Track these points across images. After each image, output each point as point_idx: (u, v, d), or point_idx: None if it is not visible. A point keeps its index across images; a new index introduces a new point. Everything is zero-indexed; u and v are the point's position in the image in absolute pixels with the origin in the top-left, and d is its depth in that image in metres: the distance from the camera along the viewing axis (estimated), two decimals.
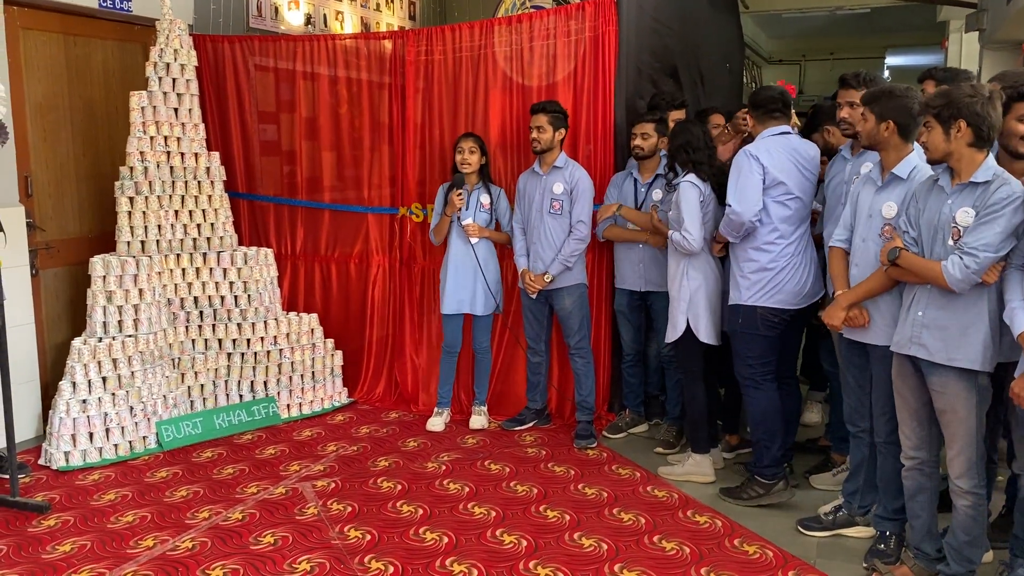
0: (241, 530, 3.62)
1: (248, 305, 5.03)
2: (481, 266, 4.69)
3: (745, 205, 3.65)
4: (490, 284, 4.74)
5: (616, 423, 4.77)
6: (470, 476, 4.20)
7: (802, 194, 3.73)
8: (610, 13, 4.63)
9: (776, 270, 3.70)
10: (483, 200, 4.71)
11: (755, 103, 3.84)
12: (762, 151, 3.69)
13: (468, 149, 4.63)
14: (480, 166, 4.69)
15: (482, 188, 4.73)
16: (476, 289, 4.73)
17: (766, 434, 3.83)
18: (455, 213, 4.67)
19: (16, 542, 3.52)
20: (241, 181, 5.53)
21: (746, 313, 3.75)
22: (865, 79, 3.59)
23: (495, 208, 4.75)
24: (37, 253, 4.77)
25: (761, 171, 3.66)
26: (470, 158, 4.63)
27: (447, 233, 4.77)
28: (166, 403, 4.67)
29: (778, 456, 3.85)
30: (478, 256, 4.69)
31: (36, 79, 4.78)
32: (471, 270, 4.71)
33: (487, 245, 4.75)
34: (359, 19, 7.31)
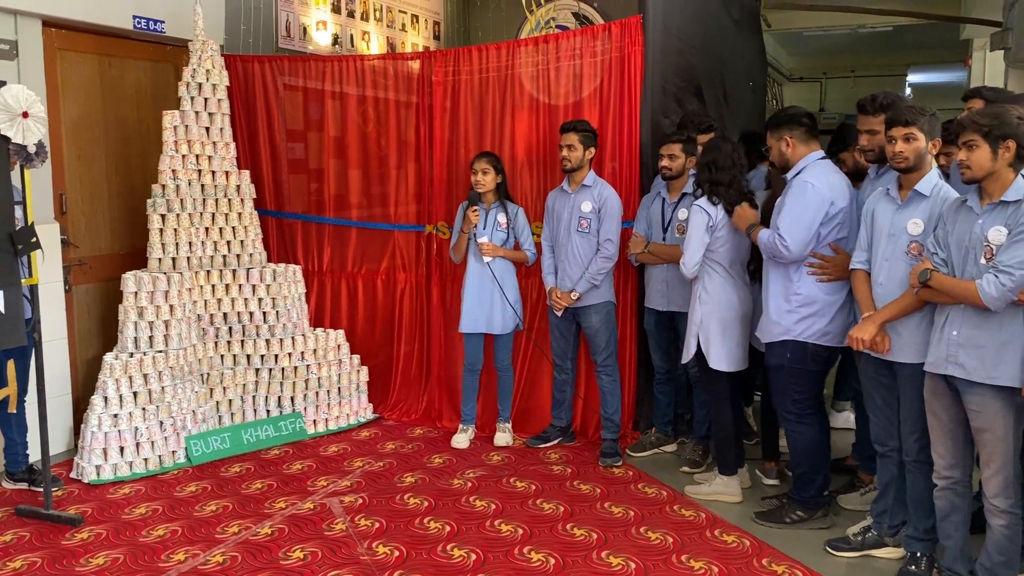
0: (271, 545, 3.65)
1: (276, 321, 5.09)
2: (500, 284, 4.72)
3: (797, 242, 3.52)
4: (505, 305, 4.74)
5: (641, 441, 4.77)
6: (496, 493, 4.21)
7: (852, 223, 3.62)
8: (636, 33, 4.67)
9: (830, 304, 3.60)
10: (500, 219, 4.75)
11: (796, 122, 3.67)
12: (824, 181, 3.55)
13: (481, 170, 4.67)
14: (497, 185, 4.72)
15: (499, 207, 4.76)
16: (493, 308, 4.74)
17: (810, 467, 3.78)
18: (471, 230, 4.70)
19: (50, 555, 3.57)
20: (270, 199, 5.60)
21: (795, 349, 3.64)
22: (883, 104, 3.48)
23: (513, 226, 4.77)
24: (70, 269, 4.85)
25: (827, 206, 3.53)
26: (483, 178, 4.66)
27: (465, 251, 4.80)
28: (195, 418, 4.72)
29: (822, 486, 3.83)
30: (495, 275, 4.72)
31: (71, 99, 4.88)
32: (488, 289, 4.74)
33: (504, 263, 4.77)
34: (385, 39, 7.40)
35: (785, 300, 3.64)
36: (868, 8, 8.20)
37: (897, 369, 3.27)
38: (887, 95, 3.49)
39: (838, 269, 3.55)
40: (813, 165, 3.63)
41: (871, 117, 3.50)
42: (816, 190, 3.52)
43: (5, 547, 3.64)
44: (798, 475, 3.85)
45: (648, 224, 4.55)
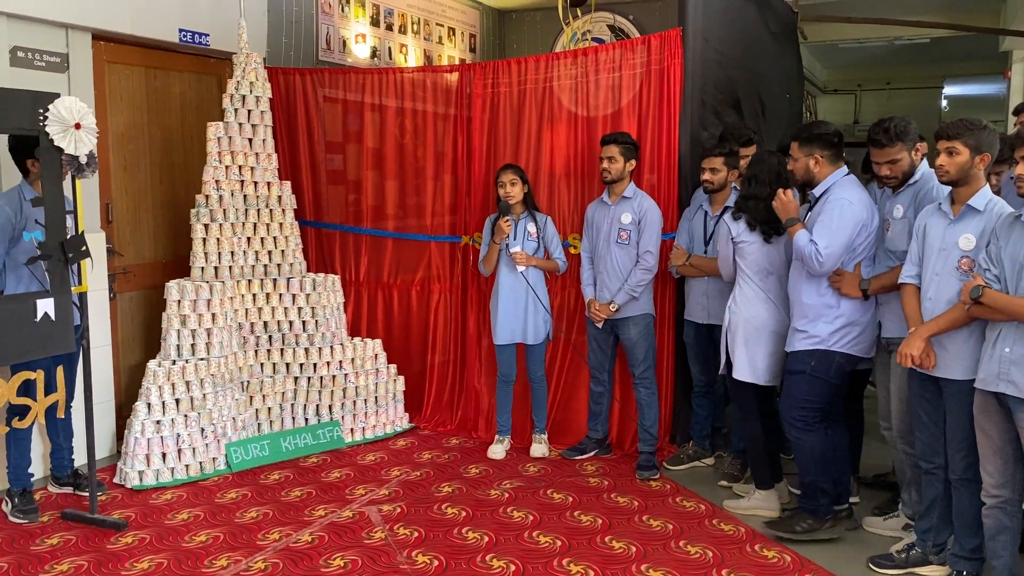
0: (311, 552, 3.68)
1: (315, 330, 5.14)
2: (535, 294, 4.73)
3: (833, 257, 3.57)
4: (541, 313, 4.75)
5: (678, 455, 4.75)
6: (533, 505, 4.21)
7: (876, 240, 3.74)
8: (676, 46, 4.68)
9: (861, 314, 3.67)
10: (530, 229, 4.76)
11: (828, 142, 3.70)
12: (859, 199, 3.62)
13: (509, 182, 4.69)
14: (524, 195, 4.74)
15: (528, 217, 4.77)
16: (528, 318, 4.75)
17: (818, 476, 3.77)
18: (503, 240, 4.72)
19: (96, 558, 3.63)
20: (309, 209, 5.67)
21: (822, 357, 3.65)
22: (897, 132, 3.47)
23: (542, 236, 4.78)
24: (115, 277, 4.93)
25: (861, 224, 3.60)
26: (512, 190, 4.68)
27: (495, 263, 4.82)
28: (235, 425, 4.77)
29: (833, 496, 3.80)
30: (529, 284, 4.73)
31: (118, 110, 4.98)
32: (523, 299, 4.75)
33: (535, 273, 4.78)
34: (422, 52, 7.47)
35: (816, 310, 3.67)
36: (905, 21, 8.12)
37: (943, 385, 3.24)
38: (897, 123, 3.47)
39: (849, 286, 3.60)
40: (842, 182, 3.67)
41: (889, 148, 3.50)
42: (853, 208, 3.58)
43: (52, 550, 3.71)
44: (806, 484, 3.84)
45: (690, 237, 4.55)
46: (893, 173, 3.53)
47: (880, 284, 3.58)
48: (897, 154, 3.48)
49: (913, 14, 8.02)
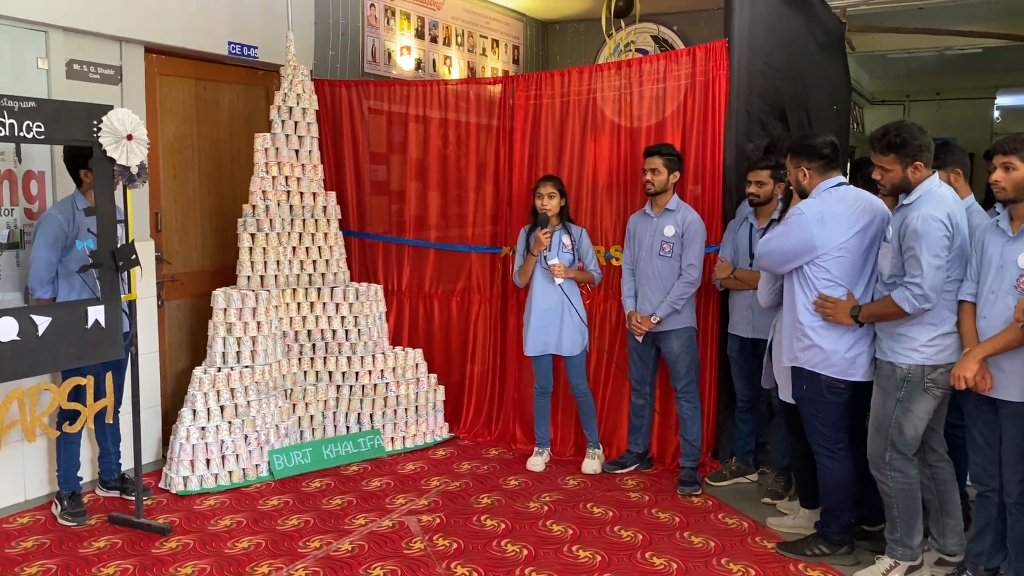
0: (351, 561, 3.69)
1: (358, 339, 5.18)
2: (571, 305, 4.71)
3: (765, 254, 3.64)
4: (576, 324, 4.72)
5: (721, 471, 4.68)
6: (573, 518, 4.18)
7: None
8: (721, 57, 4.64)
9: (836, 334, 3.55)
10: (565, 241, 4.74)
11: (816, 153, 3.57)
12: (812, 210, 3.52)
13: (547, 194, 4.67)
14: (560, 208, 4.72)
15: (563, 229, 4.75)
16: (563, 330, 4.72)
17: (836, 503, 3.70)
18: (541, 252, 4.71)
19: (141, 562, 3.68)
20: (353, 219, 5.72)
21: (809, 379, 3.59)
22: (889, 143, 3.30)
23: (577, 248, 4.76)
24: (163, 285, 5.02)
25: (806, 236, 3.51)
26: (549, 203, 4.67)
27: (531, 274, 4.80)
28: (278, 432, 4.82)
29: (848, 524, 3.73)
30: (565, 296, 4.71)
31: (169, 121, 5.08)
32: (557, 311, 4.72)
33: (570, 285, 4.75)
34: (466, 63, 7.51)
35: (792, 328, 3.63)
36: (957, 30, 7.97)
37: (1000, 407, 3.15)
38: (896, 134, 3.30)
39: (842, 314, 3.47)
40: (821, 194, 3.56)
41: (880, 156, 3.37)
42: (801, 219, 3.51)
43: (99, 553, 3.78)
44: (824, 509, 3.77)
45: (735, 250, 4.50)
46: (881, 180, 3.41)
47: (870, 312, 3.42)
48: (888, 165, 3.33)
49: (965, 24, 7.86)
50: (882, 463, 3.45)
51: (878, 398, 3.45)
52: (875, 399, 3.47)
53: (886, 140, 3.31)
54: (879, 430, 3.44)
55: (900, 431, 3.38)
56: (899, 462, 3.42)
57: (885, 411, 3.41)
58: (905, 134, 3.27)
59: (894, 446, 3.40)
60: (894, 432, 3.38)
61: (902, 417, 3.36)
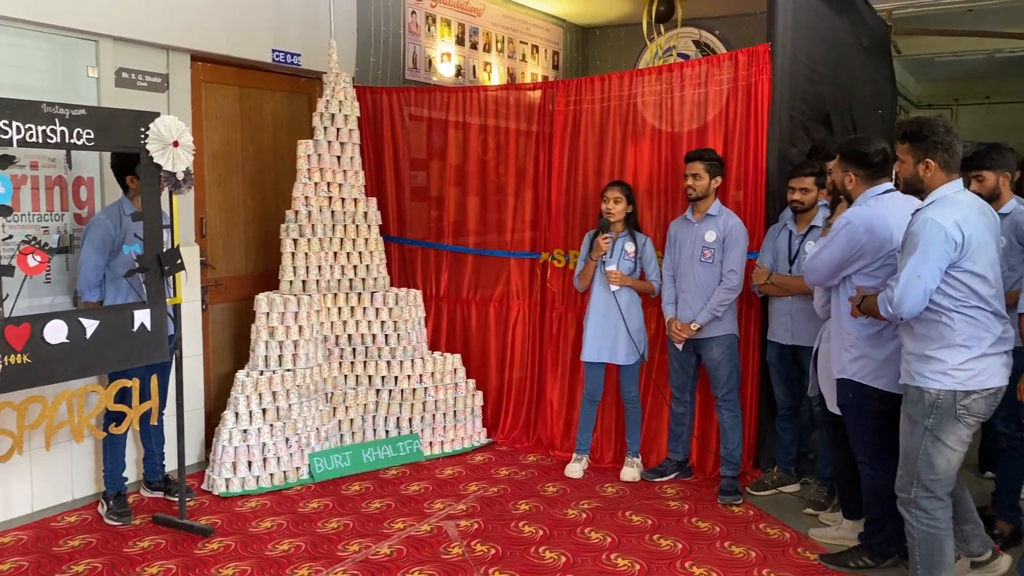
0: (390, 566, 3.71)
1: (397, 344, 5.21)
2: (623, 314, 4.68)
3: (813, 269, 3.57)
4: (632, 333, 4.69)
5: (762, 480, 4.61)
6: (611, 526, 4.15)
7: None
8: (764, 62, 4.59)
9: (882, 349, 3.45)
10: (628, 248, 4.71)
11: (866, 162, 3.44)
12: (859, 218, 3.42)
13: (613, 199, 4.65)
14: (626, 214, 4.69)
15: (627, 236, 4.72)
16: (618, 338, 4.69)
17: (881, 514, 3.58)
18: (600, 258, 4.69)
19: (184, 563, 3.73)
20: (393, 225, 5.76)
21: (855, 389, 3.50)
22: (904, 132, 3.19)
23: (640, 256, 4.72)
24: (207, 289, 5.10)
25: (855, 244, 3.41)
26: (614, 208, 4.64)
27: (590, 280, 4.78)
28: (318, 435, 4.87)
29: (893, 535, 3.59)
30: (620, 304, 4.68)
31: (213, 128, 5.17)
32: (613, 318, 4.69)
33: (629, 293, 4.72)
34: (506, 70, 7.53)
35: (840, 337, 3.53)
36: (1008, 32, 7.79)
37: None
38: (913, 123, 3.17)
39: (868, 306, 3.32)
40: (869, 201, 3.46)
41: (899, 144, 3.24)
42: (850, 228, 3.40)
43: (144, 553, 3.84)
44: (868, 520, 3.68)
45: (774, 256, 4.44)
46: (899, 172, 3.29)
47: (867, 305, 3.28)
48: (902, 155, 3.21)
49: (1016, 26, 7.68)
50: (907, 499, 3.17)
51: (905, 427, 3.17)
52: (902, 428, 3.19)
53: (903, 128, 3.19)
54: (906, 462, 3.17)
55: (930, 464, 3.09)
56: (926, 501, 3.13)
57: (912, 441, 3.13)
58: (923, 127, 3.11)
59: (921, 482, 3.11)
60: (922, 465, 3.10)
61: (932, 448, 3.08)
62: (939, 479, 3.09)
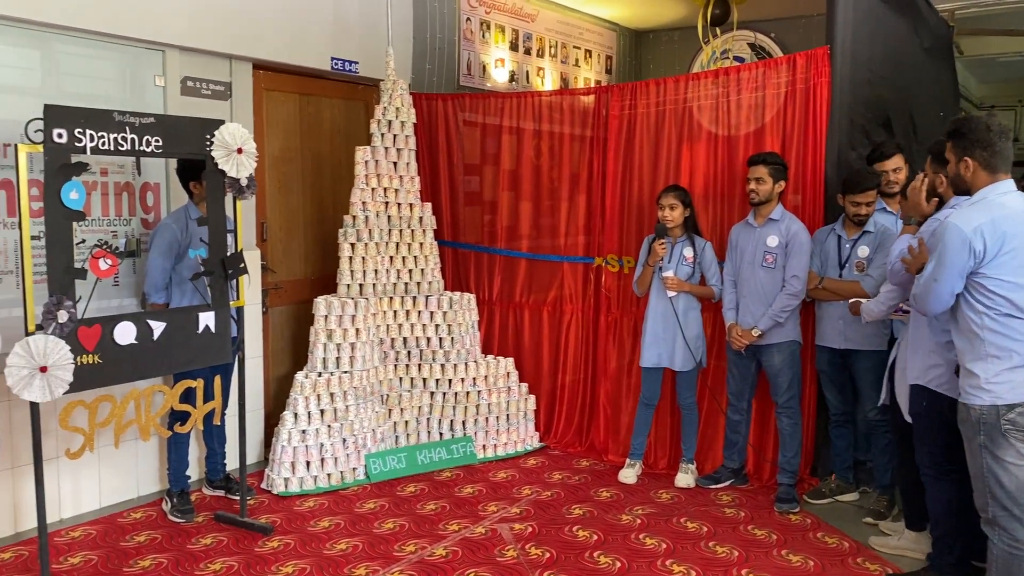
0: (446, 567, 3.74)
1: (451, 347, 5.25)
2: (680, 320, 4.65)
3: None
4: (689, 339, 4.66)
5: (820, 488, 4.55)
6: (666, 532, 4.13)
7: None
8: (823, 64, 4.54)
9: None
10: (686, 253, 4.68)
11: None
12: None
13: (668, 205, 4.63)
14: (684, 219, 4.67)
15: (686, 241, 4.69)
16: (676, 343, 4.66)
17: (949, 532, 3.47)
18: (657, 264, 4.67)
19: (246, 560, 3.82)
20: (447, 230, 5.82)
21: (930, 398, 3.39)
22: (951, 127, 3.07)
23: (699, 261, 4.69)
24: (268, 292, 5.21)
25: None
26: (671, 213, 4.62)
27: (648, 285, 4.77)
28: (374, 437, 4.93)
29: (963, 555, 3.48)
30: (678, 310, 4.66)
31: (274, 135, 5.28)
32: (671, 324, 4.67)
33: (688, 299, 4.69)
34: (559, 75, 7.55)
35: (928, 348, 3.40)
36: None
37: None
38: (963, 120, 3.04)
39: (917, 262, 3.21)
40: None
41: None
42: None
43: (207, 549, 3.93)
44: (936, 539, 3.56)
45: (822, 261, 4.38)
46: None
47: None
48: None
49: None
50: (987, 519, 3.04)
51: (965, 445, 3.08)
52: (965, 446, 3.09)
53: (948, 127, 3.09)
54: (976, 481, 3.06)
55: (998, 483, 2.96)
56: (1006, 520, 2.97)
57: (975, 460, 3.03)
58: (963, 125, 3.00)
59: (997, 501, 2.97)
60: (992, 484, 2.98)
61: (994, 466, 2.95)
62: (1012, 497, 2.95)
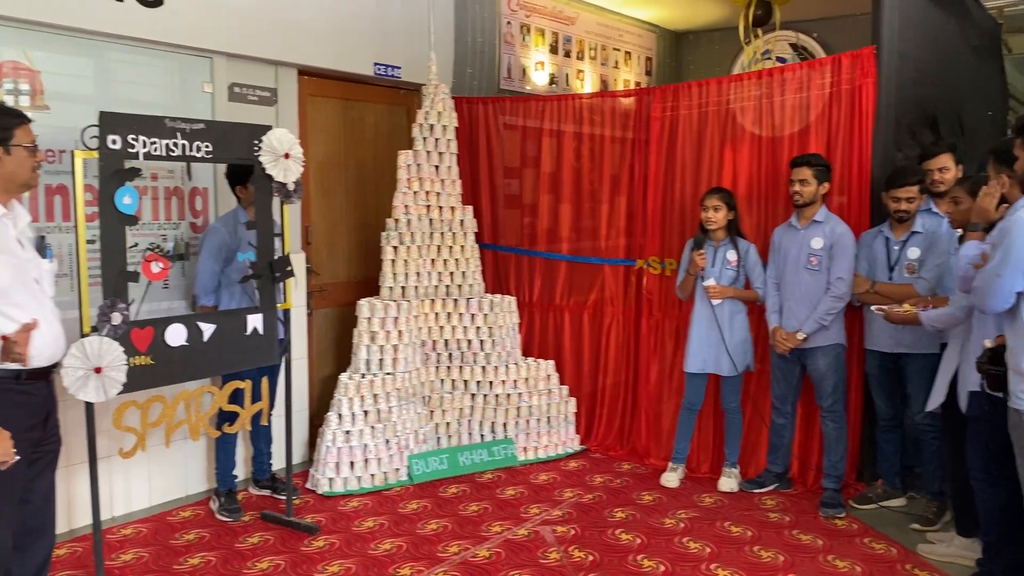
0: (489, 568, 3.76)
1: (492, 349, 5.28)
2: (725, 327, 4.62)
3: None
4: (736, 344, 4.62)
5: (866, 493, 4.49)
6: (710, 536, 4.11)
7: None
8: (869, 64, 4.49)
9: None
10: (729, 257, 4.64)
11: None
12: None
13: (712, 206, 4.59)
14: (728, 222, 4.64)
15: (729, 244, 4.65)
16: (721, 349, 4.63)
17: (1000, 537, 3.39)
18: (698, 272, 4.65)
19: (292, 559, 3.88)
20: (487, 232, 5.84)
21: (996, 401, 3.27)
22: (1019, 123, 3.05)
23: (743, 264, 4.64)
24: (312, 295, 5.28)
25: None
26: (714, 215, 4.58)
27: (691, 291, 4.75)
28: (417, 438, 4.97)
29: (1015, 561, 3.40)
30: (723, 315, 4.62)
31: (318, 140, 5.35)
32: (716, 330, 4.63)
33: (733, 303, 4.64)
34: (598, 77, 7.55)
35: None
36: None
37: None
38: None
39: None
40: None
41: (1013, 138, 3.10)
42: None
43: (254, 548, 4.00)
44: (986, 545, 3.48)
45: (870, 264, 4.32)
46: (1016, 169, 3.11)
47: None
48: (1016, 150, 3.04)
49: None
50: None
51: (1016, 452, 3.04)
52: (1015, 452, 3.07)
53: (1017, 122, 3.03)
54: None
55: None
56: None
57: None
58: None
59: None
60: None
61: None
62: None
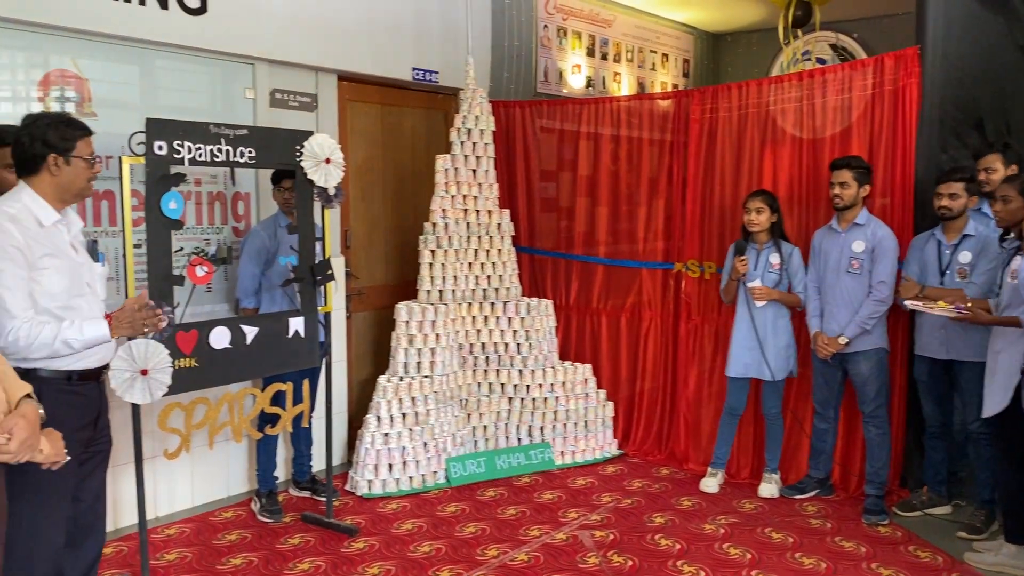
0: (528, 572, 3.76)
1: (528, 353, 5.28)
2: (770, 330, 4.56)
3: None
4: (779, 349, 4.56)
5: (910, 501, 4.41)
6: (751, 542, 4.07)
7: None
8: (913, 65, 4.42)
9: None
10: (772, 260, 4.58)
11: None
12: None
13: (755, 209, 4.54)
14: (771, 224, 4.59)
15: (772, 247, 4.59)
16: (764, 353, 4.58)
17: None
18: (740, 279, 4.61)
19: (332, 560, 3.91)
20: (524, 236, 5.85)
21: None
22: None
23: (786, 268, 4.58)
24: (351, 298, 5.32)
25: None
26: (757, 218, 4.54)
27: (735, 295, 4.71)
28: (454, 441, 4.99)
29: None
30: (766, 320, 4.57)
31: (358, 145, 5.40)
32: (760, 334, 4.57)
33: (776, 307, 4.58)
34: (635, 79, 7.53)
35: None
36: None
37: None
38: None
39: None
40: None
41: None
42: None
43: (295, 549, 4.04)
44: None
45: (921, 268, 4.25)
46: None
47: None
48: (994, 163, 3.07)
49: None
50: None
51: None
52: None
53: None
54: None
55: None
56: None
57: None
58: None
59: None
60: None
61: None
62: None
